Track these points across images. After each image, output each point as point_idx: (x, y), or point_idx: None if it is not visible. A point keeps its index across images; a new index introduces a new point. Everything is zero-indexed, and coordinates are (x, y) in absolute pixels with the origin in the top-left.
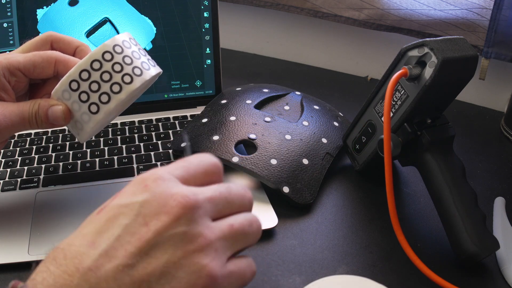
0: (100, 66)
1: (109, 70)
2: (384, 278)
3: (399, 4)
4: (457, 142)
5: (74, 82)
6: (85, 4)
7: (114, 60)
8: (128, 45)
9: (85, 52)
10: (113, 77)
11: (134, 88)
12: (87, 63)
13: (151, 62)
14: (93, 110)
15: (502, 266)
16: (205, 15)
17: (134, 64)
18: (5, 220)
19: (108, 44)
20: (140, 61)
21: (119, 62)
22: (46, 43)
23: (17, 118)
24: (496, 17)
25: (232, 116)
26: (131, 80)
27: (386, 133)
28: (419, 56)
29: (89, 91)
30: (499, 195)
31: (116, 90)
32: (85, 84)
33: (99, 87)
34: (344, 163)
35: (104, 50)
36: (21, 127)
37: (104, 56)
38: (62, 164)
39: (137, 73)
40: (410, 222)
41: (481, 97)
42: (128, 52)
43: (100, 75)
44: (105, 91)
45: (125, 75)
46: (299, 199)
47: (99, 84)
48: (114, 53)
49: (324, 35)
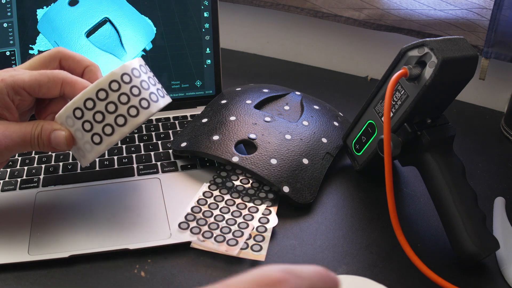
0: (106, 96)
1: (115, 101)
2: (384, 278)
3: (399, 4)
4: (457, 142)
5: (78, 110)
6: (85, 4)
7: (121, 90)
8: (138, 74)
9: (94, 73)
10: (119, 109)
11: (139, 122)
12: (93, 92)
13: (161, 92)
14: (96, 141)
15: (502, 266)
16: (205, 15)
17: (142, 96)
18: (5, 220)
19: (116, 73)
20: (148, 92)
21: (126, 93)
22: (54, 60)
23: (19, 139)
24: (496, 17)
25: (232, 116)
26: (137, 113)
27: (386, 133)
28: (419, 56)
29: (93, 121)
30: (499, 195)
31: (120, 123)
32: (89, 113)
33: (103, 118)
34: (344, 163)
35: (112, 79)
36: (22, 148)
37: (111, 85)
38: (62, 164)
39: (144, 105)
40: (410, 222)
41: (481, 97)
42: (137, 82)
43: (105, 105)
44: (109, 122)
45: (131, 107)
46: (299, 199)
47: (104, 115)
48: (122, 83)
49: (324, 35)
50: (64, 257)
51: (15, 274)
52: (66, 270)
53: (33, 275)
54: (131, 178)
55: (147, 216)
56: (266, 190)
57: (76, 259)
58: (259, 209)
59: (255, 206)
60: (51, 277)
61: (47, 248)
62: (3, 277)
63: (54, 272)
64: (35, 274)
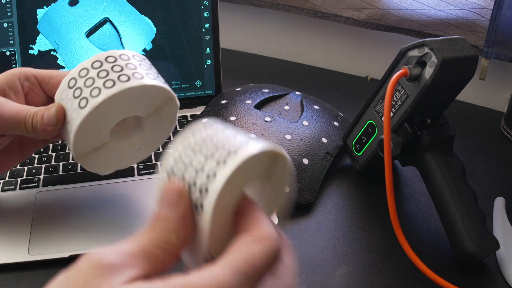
0: (100, 65)
1: (107, 69)
2: (384, 278)
3: (399, 4)
4: (457, 142)
5: (72, 79)
6: (85, 4)
7: (115, 62)
8: (139, 59)
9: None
10: (109, 74)
11: (126, 86)
12: (89, 63)
13: (151, 75)
14: (82, 105)
15: (502, 266)
16: (205, 15)
17: (136, 70)
18: (5, 220)
19: (113, 51)
20: (142, 69)
21: (120, 64)
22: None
23: (15, 114)
24: (496, 17)
25: (232, 116)
26: (128, 79)
27: (386, 133)
28: (419, 56)
29: (83, 86)
30: (499, 195)
31: (108, 85)
32: (81, 80)
33: (93, 82)
34: (344, 163)
35: (108, 55)
36: (15, 126)
37: (107, 58)
38: (62, 164)
39: (137, 76)
40: (410, 222)
41: (481, 97)
42: (133, 61)
43: (97, 72)
44: (97, 86)
45: (122, 75)
46: (299, 199)
47: (94, 80)
48: (118, 58)
49: (324, 35)
50: (64, 257)
51: (15, 274)
52: None
53: (33, 275)
54: (131, 178)
55: (147, 216)
56: None
57: (76, 259)
58: None
59: None
60: (51, 277)
61: (47, 248)
62: (3, 277)
63: (54, 272)
64: (35, 274)
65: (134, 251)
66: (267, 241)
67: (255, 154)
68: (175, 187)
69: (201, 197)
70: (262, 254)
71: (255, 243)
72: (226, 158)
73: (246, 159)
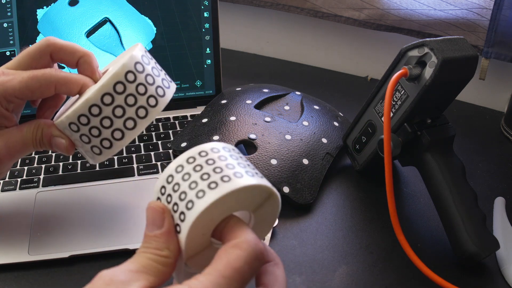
0: (112, 100)
1: (121, 104)
2: (384, 278)
3: (399, 4)
4: (457, 142)
5: (83, 116)
6: (85, 4)
7: (127, 91)
8: (141, 69)
9: (88, 64)
10: (127, 112)
11: (152, 118)
12: (97, 97)
13: (166, 82)
14: (106, 146)
15: (502, 266)
16: (205, 15)
17: (149, 93)
18: (5, 220)
19: (119, 73)
20: (155, 86)
21: (132, 94)
22: (45, 54)
23: (21, 147)
24: (496, 17)
25: (232, 116)
26: (146, 113)
27: (386, 133)
28: (419, 56)
29: (101, 126)
30: (499, 195)
31: (130, 127)
32: (96, 119)
33: (111, 123)
34: (344, 163)
35: (116, 81)
36: (25, 154)
37: (116, 88)
38: (62, 164)
39: (151, 103)
40: (410, 222)
41: (481, 97)
42: (141, 78)
43: (112, 110)
44: (118, 127)
45: (140, 108)
46: (299, 199)
47: (112, 120)
48: (127, 83)
49: (324, 35)
50: (64, 257)
51: (15, 274)
52: (66, 270)
53: (33, 275)
54: (131, 178)
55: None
56: None
57: (76, 259)
58: None
59: None
60: (51, 277)
61: (47, 248)
62: (3, 277)
63: (54, 272)
64: (35, 274)
65: (138, 268)
66: (244, 244)
67: (236, 189)
68: (159, 208)
69: (180, 220)
70: (240, 257)
71: (233, 249)
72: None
73: (227, 193)
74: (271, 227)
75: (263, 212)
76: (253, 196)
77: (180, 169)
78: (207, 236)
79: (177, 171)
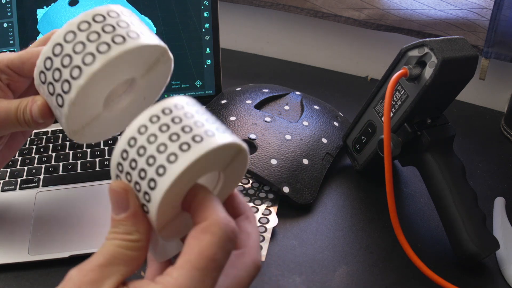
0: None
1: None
2: (384, 278)
3: (399, 4)
4: (457, 142)
5: (48, 59)
6: (85, 4)
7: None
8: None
9: None
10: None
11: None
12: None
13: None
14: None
15: (502, 266)
16: (205, 15)
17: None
18: (5, 220)
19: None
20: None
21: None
22: None
23: (4, 114)
24: (496, 17)
25: (232, 116)
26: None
27: (386, 133)
28: (419, 56)
29: (61, 67)
30: (499, 195)
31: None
32: (58, 59)
33: (70, 61)
34: (344, 163)
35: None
36: (10, 125)
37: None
38: (62, 164)
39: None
40: (410, 222)
41: (481, 97)
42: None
43: (72, 46)
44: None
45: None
46: (299, 199)
47: (71, 57)
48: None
49: (324, 35)
50: (64, 257)
51: (15, 274)
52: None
53: (33, 275)
54: None
55: None
56: (266, 190)
57: (76, 259)
58: (259, 209)
59: (255, 206)
60: (51, 277)
61: (47, 248)
62: (3, 277)
63: (54, 272)
64: (35, 274)
65: (108, 260)
66: (214, 228)
67: (211, 149)
68: (121, 190)
69: (150, 188)
70: (212, 243)
71: (204, 234)
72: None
73: (201, 155)
74: (240, 181)
75: (232, 169)
76: (225, 155)
77: (143, 130)
78: (177, 205)
79: (140, 132)
